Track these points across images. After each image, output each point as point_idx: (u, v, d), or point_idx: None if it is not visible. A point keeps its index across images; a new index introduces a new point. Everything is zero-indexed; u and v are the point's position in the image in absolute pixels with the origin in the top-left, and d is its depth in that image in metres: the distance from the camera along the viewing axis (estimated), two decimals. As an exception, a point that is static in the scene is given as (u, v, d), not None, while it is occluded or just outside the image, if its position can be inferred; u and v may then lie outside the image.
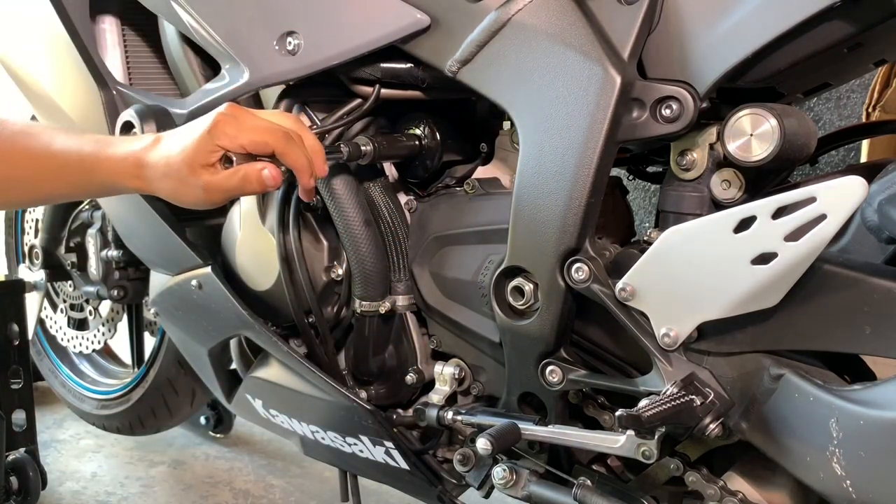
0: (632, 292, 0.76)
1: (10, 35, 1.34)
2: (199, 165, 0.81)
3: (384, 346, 1.06)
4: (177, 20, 1.05)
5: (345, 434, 1.07)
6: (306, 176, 0.85)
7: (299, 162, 0.83)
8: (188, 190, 0.83)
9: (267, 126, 0.83)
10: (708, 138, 0.78)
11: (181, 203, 0.86)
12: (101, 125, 1.17)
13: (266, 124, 0.83)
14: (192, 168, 0.81)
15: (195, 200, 0.84)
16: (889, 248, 0.77)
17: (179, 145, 0.83)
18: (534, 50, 0.81)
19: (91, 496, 1.85)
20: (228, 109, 0.83)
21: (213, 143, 0.81)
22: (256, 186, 0.82)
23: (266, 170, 0.82)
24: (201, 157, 0.81)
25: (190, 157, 0.81)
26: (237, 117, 0.82)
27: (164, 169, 0.83)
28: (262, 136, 0.82)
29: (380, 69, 0.94)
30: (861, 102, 1.71)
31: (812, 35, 0.71)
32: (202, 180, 0.82)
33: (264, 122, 0.83)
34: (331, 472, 1.41)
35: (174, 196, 0.85)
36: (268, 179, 0.82)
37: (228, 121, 0.82)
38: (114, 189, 0.90)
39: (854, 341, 0.69)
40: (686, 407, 0.72)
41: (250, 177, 0.82)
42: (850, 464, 0.68)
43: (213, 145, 0.81)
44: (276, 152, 0.82)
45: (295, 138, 0.84)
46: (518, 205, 0.83)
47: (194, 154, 0.81)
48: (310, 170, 0.85)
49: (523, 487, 0.88)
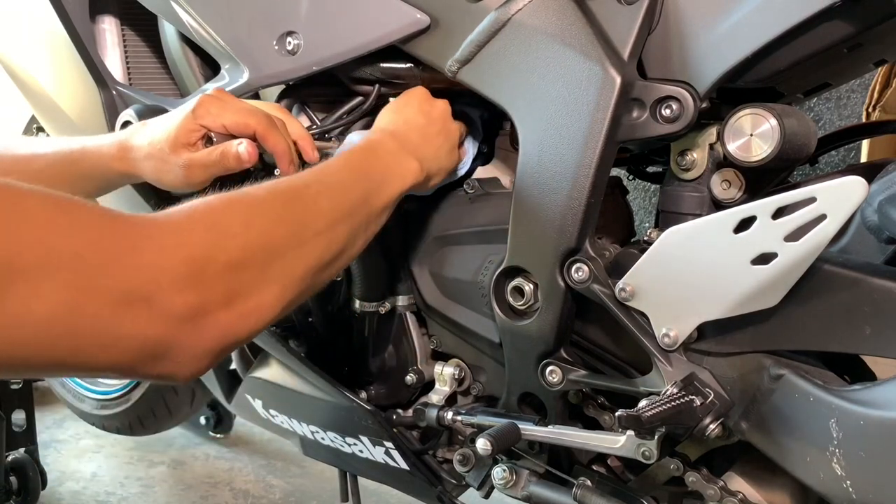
0: (632, 292, 0.76)
1: (9, 35, 1.34)
2: (180, 144, 0.84)
3: (384, 346, 1.06)
4: (176, 20, 1.05)
5: (345, 434, 1.07)
6: (286, 161, 0.86)
7: (279, 146, 0.85)
8: (169, 168, 0.85)
9: (250, 108, 0.86)
10: (708, 138, 0.78)
11: (163, 185, 0.88)
12: (101, 125, 1.17)
13: (249, 107, 0.86)
14: (174, 146, 0.84)
15: (175, 180, 0.86)
16: (889, 248, 0.77)
17: (163, 126, 0.86)
18: (534, 50, 0.80)
19: (91, 496, 1.85)
20: (214, 92, 0.87)
21: (195, 122, 0.84)
22: (233, 162, 0.83)
23: (242, 145, 0.83)
24: (183, 135, 0.84)
25: (172, 135, 0.84)
26: (221, 99, 0.86)
27: (148, 149, 0.86)
28: (245, 117, 0.84)
29: (380, 69, 0.94)
30: (861, 102, 1.71)
31: (812, 35, 0.71)
32: (182, 158, 0.84)
33: (247, 105, 0.86)
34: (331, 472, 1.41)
35: (156, 176, 0.87)
36: (244, 154, 0.83)
37: (213, 101, 0.85)
38: (100, 176, 0.91)
39: (854, 341, 0.69)
40: (686, 407, 0.72)
41: (228, 152, 0.83)
42: (850, 464, 0.68)
43: (195, 124, 0.84)
44: (258, 134, 0.84)
45: (278, 124, 0.86)
46: (518, 205, 0.83)
47: (177, 132, 0.84)
48: (290, 156, 0.86)
49: (523, 488, 0.88)
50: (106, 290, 0.49)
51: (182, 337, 0.53)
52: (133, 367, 0.52)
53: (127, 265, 0.50)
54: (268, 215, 0.62)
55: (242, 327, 0.57)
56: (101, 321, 0.49)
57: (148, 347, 0.52)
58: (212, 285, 0.54)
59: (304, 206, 0.67)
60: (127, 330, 0.50)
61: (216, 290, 0.55)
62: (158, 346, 0.52)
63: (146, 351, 0.52)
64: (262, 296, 0.58)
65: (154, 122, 0.88)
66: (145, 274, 0.51)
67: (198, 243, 0.55)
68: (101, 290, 0.49)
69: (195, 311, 0.53)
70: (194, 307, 0.53)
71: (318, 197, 0.69)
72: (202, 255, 0.54)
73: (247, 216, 0.60)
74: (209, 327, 0.54)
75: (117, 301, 0.49)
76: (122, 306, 0.49)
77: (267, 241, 0.60)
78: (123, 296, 0.50)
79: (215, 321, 0.54)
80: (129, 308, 0.50)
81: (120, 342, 0.50)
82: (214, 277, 0.55)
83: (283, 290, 0.61)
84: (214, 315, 0.54)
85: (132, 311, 0.50)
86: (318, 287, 0.69)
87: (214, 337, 0.55)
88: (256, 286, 0.58)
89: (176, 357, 0.53)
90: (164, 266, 0.52)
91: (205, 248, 0.55)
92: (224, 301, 0.55)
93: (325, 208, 0.68)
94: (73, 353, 0.49)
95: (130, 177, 0.90)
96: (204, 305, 0.54)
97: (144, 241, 0.52)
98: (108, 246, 0.50)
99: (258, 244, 0.59)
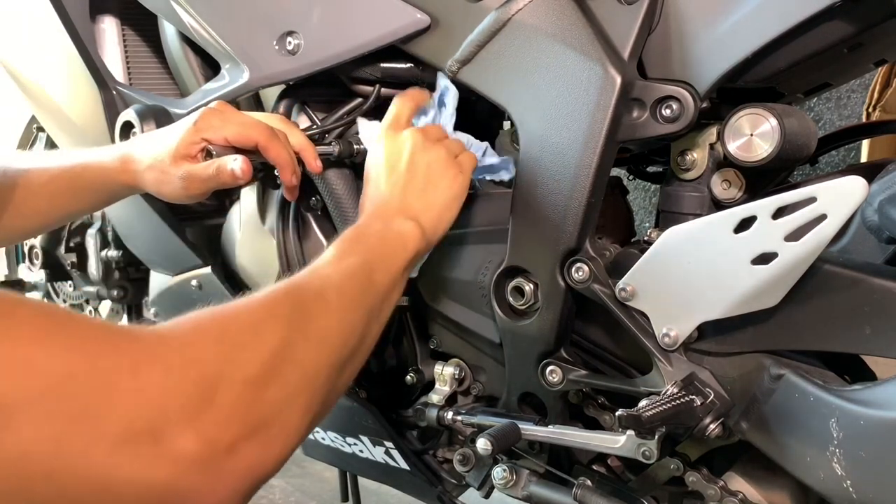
0: (632, 292, 0.76)
1: (9, 35, 1.34)
2: (181, 156, 0.84)
3: (384, 346, 1.06)
4: (177, 20, 1.05)
5: (345, 434, 1.07)
6: (288, 173, 0.86)
7: (281, 157, 0.85)
8: (169, 180, 0.86)
9: (252, 121, 0.86)
10: (708, 138, 0.78)
11: (163, 196, 0.88)
12: (101, 125, 1.17)
13: (251, 120, 0.86)
14: (175, 159, 0.84)
15: (174, 191, 0.86)
16: (889, 248, 0.77)
17: (165, 138, 0.86)
18: (534, 50, 0.80)
19: (91, 496, 1.85)
20: (216, 105, 0.87)
21: (197, 135, 0.84)
22: (228, 178, 0.83)
23: (237, 161, 0.83)
24: (184, 148, 0.84)
25: (174, 148, 0.84)
26: (223, 112, 0.86)
27: (150, 161, 0.86)
28: (246, 129, 0.84)
29: (380, 69, 0.94)
30: (861, 102, 1.71)
31: (812, 35, 0.71)
32: (182, 170, 0.84)
33: (249, 118, 0.87)
34: (331, 472, 1.41)
35: (156, 188, 0.87)
36: (238, 171, 0.83)
37: (214, 114, 0.85)
38: (104, 189, 0.92)
39: (854, 341, 0.69)
40: (686, 407, 0.72)
41: (223, 169, 0.83)
42: (850, 464, 0.68)
43: (197, 137, 0.84)
44: (259, 146, 0.84)
45: (280, 136, 0.86)
46: (518, 205, 0.83)
47: (178, 145, 0.84)
48: (292, 167, 0.87)
49: (523, 487, 0.88)
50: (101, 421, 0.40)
51: (199, 482, 0.43)
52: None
53: (127, 389, 0.41)
54: (276, 318, 0.54)
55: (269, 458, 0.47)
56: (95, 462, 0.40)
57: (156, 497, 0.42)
58: (230, 411, 0.45)
59: (308, 303, 0.59)
60: (127, 473, 0.41)
61: (236, 415, 0.45)
62: (167, 494, 0.42)
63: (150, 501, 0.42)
64: (289, 415, 0.50)
65: (156, 134, 0.89)
66: (150, 400, 0.42)
67: (209, 359, 0.46)
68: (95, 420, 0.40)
69: (213, 447, 0.43)
70: (212, 441, 0.43)
71: (321, 292, 0.61)
72: (215, 373, 0.45)
73: (254, 321, 0.52)
74: (232, 466, 0.44)
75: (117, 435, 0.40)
76: (122, 443, 0.40)
77: (281, 347, 0.51)
78: (125, 430, 0.40)
79: (239, 457, 0.45)
80: (131, 445, 0.41)
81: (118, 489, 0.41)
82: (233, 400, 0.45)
83: (309, 402, 0.52)
84: (237, 449, 0.45)
85: (135, 448, 0.41)
86: (339, 393, 0.61)
87: (239, 477, 0.45)
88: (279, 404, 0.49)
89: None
90: (172, 389, 0.43)
91: (217, 364, 0.46)
92: (246, 429, 0.45)
93: (331, 301, 0.61)
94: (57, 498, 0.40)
95: (133, 188, 0.91)
96: (223, 437, 0.44)
97: (148, 358, 0.43)
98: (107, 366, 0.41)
99: (272, 351, 0.50)
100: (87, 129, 1.24)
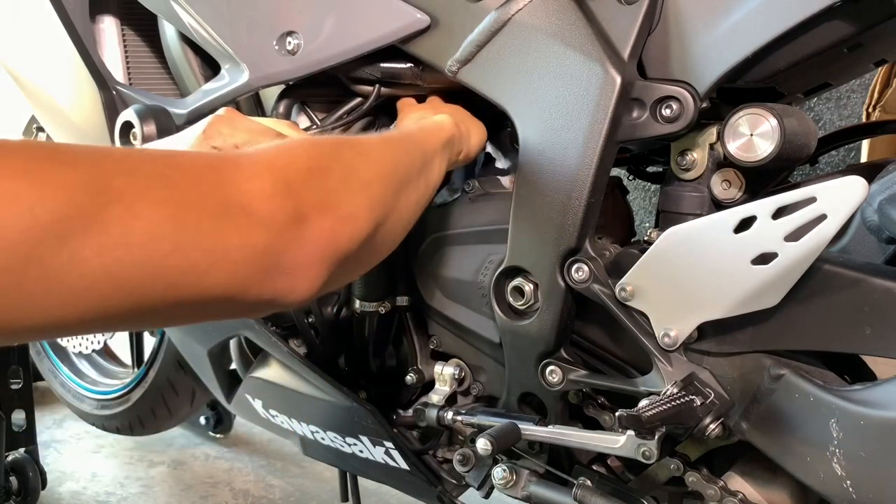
0: (632, 292, 0.76)
1: (9, 35, 1.34)
2: None
3: (384, 346, 1.06)
4: (176, 20, 1.05)
5: (345, 434, 1.07)
6: None
7: None
8: None
9: (261, 128, 0.85)
10: (708, 138, 0.78)
11: None
12: (101, 125, 1.17)
13: (260, 127, 0.86)
14: None
15: None
16: (889, 248, 0.77)
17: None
18: (534, 50, 0.81)
19: (91, 496, 1.85)
20: (224, 112, 0.86)
21: (206, 143, 0.84)
22: None
23: None
24: None
25: None
26: (232, 119, 0.85)
27: None
28: (255, 136, 0.84)
29: (380, 69, 0.94)
30: (861, 102, 1.71)
31: (812, 35, 0.71)
32: None
33: (259, 125, 0.86)
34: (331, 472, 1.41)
35: None
36: None
37: (223, 121, 0.85)
38: None
39: (854, 341, 0.69)
40: (686, 407, 0.72)
41: None
42: (850, 464, 0.68)
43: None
44: None
45: None
46: (518, 205, 0.83)
47: None
48: None
49: (523, 488, 0.88)
50: (202, 202, 0.49)
51: (288, 241, 0.53)
52: (246, 286, 0.52)
53: (215, 181, 0.51)
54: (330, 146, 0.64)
55: (342, 234, 0.57)
56: (205, 233, 0.49)
57: (258, 258, 0.51)
58: (300, 189, 0.55)
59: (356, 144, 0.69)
60: (232, 240, 0.50)
61: (306, 193, 0.56)
62: (267, 256, 0.52)
63: (257, 263, 0.51)
64: (352, 202, 0.59)
65: (164, 141, 0.89)
66: (234, 187, 0.52)
67: (276, 156, 0.57)
68: (197, 202, 0.49)
69: (293, 215, 0.54)
70: (291, 210, 0.53)
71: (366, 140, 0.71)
72: (283, 164, 0.56)
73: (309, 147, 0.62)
74: (311, 232, 0.55)
75: (216, 212, 0.49)
76: (221, 217, 0.50)
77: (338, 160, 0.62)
78: (220, 207, 0.50)
79: (315, 226, 0.55)
80: (229, 218, 0.50)
81: (229, 254, 0.50)
82: (301, 181, 0.56)
83: (369, 202, 0.62)
84: (312, 219, 0.55)
85: (233, 220, 0.50)
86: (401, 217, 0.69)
87: (319, 243, 0.55)
88: (342, 193, 0.59)
89: (287, 268, 0.53)
90: (251, 177, 0.53)
91: (284, 159, 0.57)
92: (317, 205, 0.56)
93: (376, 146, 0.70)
94: (183, 271, 0.48)
95: None
96: (299, 208, 0.54)
97: (225, 161, 0.54)
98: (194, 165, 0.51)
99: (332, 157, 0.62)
100: (87, 129, 1.24)
